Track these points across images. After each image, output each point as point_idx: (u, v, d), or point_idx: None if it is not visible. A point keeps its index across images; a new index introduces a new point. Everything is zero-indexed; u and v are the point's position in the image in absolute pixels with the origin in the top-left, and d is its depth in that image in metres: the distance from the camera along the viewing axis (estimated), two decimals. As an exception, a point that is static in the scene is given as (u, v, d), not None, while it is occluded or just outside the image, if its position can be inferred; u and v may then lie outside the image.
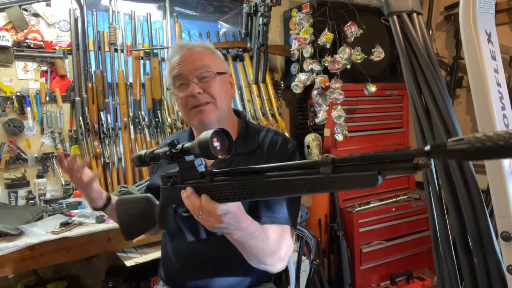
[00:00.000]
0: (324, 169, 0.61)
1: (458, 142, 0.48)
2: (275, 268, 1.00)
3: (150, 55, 2.38)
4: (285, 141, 1.15)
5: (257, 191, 0.70)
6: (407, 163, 0.53)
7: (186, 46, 1.14)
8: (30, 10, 2.06)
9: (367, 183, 0.57)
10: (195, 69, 1.09)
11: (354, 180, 0.58)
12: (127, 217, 1.02)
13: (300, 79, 2.49)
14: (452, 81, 2.92)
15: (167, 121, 2.35)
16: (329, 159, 0.61)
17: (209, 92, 1.09)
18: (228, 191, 0.74)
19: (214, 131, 0.76)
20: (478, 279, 1.30)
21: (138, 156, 0.91)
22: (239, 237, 0.86)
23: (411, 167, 0.52)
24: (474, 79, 1.24)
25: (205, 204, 0.76)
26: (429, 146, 0.51)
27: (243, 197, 0.72)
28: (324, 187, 0.62)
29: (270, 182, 0.68)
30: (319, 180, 0.62)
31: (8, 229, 1.51)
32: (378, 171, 0.56)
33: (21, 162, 2.04)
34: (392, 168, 0.55)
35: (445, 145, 0.49)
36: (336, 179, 0.60)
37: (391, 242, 2.70)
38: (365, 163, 0.58)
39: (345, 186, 0.60)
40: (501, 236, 1.19)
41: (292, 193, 0.67)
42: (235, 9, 2.79)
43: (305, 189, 0.64)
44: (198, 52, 1.13)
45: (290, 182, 0.65)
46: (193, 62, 1.10)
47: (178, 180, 0.85)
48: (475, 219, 1.28)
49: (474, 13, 1.23)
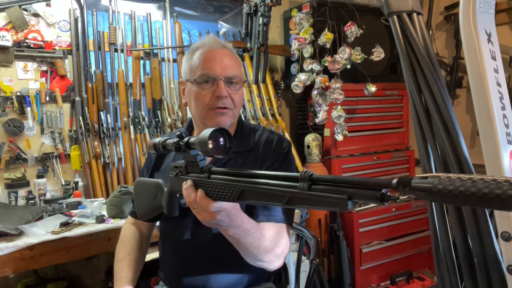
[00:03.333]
0: (302, 185, 0.62)
1: (422, 181, 0.46)
2: (272, 265, 1.01)
3: (150, 55, 2.38)
4: (280, 140, 1.16)
5: (243, 195, 0.72)
6: (375, 192, 0.53)
7: (220, 43, 1.12)
8: (30, 10, 2.06)
9: (338, 206, 0.57)
10: (228, 72, 1.08)
11: (326, 200, 0.59)
12: (140, 199, 1.09)
13: (300, 79, 2.49)
14: (452, 81, 2.92)
15: (167, 121, 2.35)
16: (308, 176, 0.62)
17: (233, 98, 1.09)
18: (220, 190, 0.76)
19: (213, 130, 0.77)
20: (478, 279, 1.30)
21: (154, 144, 0.94)
22: (234, 234, 0.87)
23: (378, 198, 0.52)
24: (474, 79, 1.24)
25: (200, 200, 0.79)
26: (396, 180, 0.50)
27: (231, 199, 0.74)
28: (300, 202, 0.64)
29: (254, 189, 0.70)
30: (296, 194, 0.63)
31: (8, 229, 1.51)
32: (348, 196, 0.56)
33: (21, 162, 2.04)
34: (361, 195, 0.55)
35: (410, 182, 0.47)
36: (311, 197, 0.61)
37: (391, 242, 2.71)
38: (338, 186, 0.58)
39: (318, 205, 0.61)
40: (501, 236, 1.19)
41: (273, 203, 0.68)
42: (235, 9, 2.79)
43: (284, 201, 0.65)
44: (230, 55, 1.12)
45: (271, 193, 0.67)
46: (226, 65, 1.08)
47: (183, 171, 0.88)
48: (475, 219, 1.28)
49: (474, 13, 1.23)
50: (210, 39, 1.12)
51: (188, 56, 1.14)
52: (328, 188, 0.59)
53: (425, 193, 0.45)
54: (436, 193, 0.44)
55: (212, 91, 1.07)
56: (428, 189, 0.45)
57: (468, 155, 1.32)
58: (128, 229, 1.26)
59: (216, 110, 1.08)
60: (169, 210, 0.96)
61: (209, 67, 1.07)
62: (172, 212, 0.96)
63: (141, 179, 1.12)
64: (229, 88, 1.09)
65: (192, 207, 0.82)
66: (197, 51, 1.11)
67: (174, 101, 2.40)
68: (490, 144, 1.20)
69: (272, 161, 1.12)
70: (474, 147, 2.71)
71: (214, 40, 1.12)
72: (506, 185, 0.39)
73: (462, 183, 0.42)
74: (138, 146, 2.30)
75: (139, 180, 1.13)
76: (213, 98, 1.07)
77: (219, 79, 1.07)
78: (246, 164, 1.11)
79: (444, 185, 0.43)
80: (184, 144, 0.84)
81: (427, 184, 0.45)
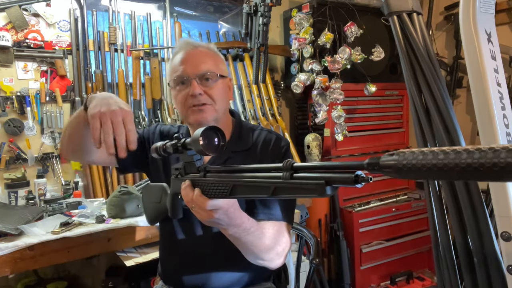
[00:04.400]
0: (284, 174, 0.63)
1: (388, 158, 0.47)
2: (273, 263, 1.01)
3: (150, 55, 2.38)
4: (278, 139, 1.17)
5: (234, 190, 0.73)
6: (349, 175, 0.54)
7: (192, 44, 1.15)
8: (30, 10, 2.06)
9: (316, 192, 0.58)
10: (199, 70, 1.10)
11: (306, 187, 0.60)
12: (147, 204, 1.11)
13: (300, 79, 2.49)
14: (452, 81, 2.92)
15: (167, 121, 2.35)
16: (289, 165, 0.63)
17: (210, 94, 1.11)
18: (214, 187, 0.77)
19: (205, 129, 0.78)
20: (478, 279, 1.30)
21: (156, 148, 0.95)
22: (234, 232, 0.88)
23: (353, 180, 0.54)
24: (474, 79, 1.24)
25: (196, 198, 0.79)
26: (367, 161, 0.51)
27: (224, 195, 0.75)
28: (285, 192, 0.64)
29: (243, 183, 0.71)
30: (280, 184, 0.64)
31: (8, 229, 1.51)
32: (326, 181, 0.57)
33: (21, 162, 2.04)
34: (337, 179, 0.56)
35: (378, 160, 0.48)
36: (293, 185, 0.62)
37: (391, 242, 2.70)
38: (316, 172, 0.59)
39: (300, 193, 0.62)
40: (501, 236, 1.19)
41: (260, 195, 0.69)
42: (235, 9, 2.79)
43: (269, 192, 0.66)
44: (203, 53, 1.14)
45: (258, 185, 0.68)
46: (198, 63, 1.11)
47: (182, 172, 0.89)
48: (475, 219, 1.28)
49: (474, 13, 1.23)
50: (183, 43, 1.16)
51: (169, 63, 1.19)
52: (308, 175, 0.60)
53: (391, 169, 0.46)
54: (401, 169, 0.45)
55: (188, 91, 1.10)
56: (393, 166, 0.46)
57: (468, 155, 1.32)
58: None
59: (193, 108, 1.10)
60: (172, 213, 0.97)
61: (182, 69, 1.11)
62: (175, 215, 0.97)
63: (148, 185, 1.14)
64: (204, 85, 1.11)
65: (190, 206, 0.82)
66: (174, 56, 1.16)
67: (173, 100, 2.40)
68: (490, 144, 1.20)
69: (270, 161, 1.12)
70: (474, 147, 2.71)
71: (186, 43, 1.16)
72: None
73: (425, 157, 0.42)
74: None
75: (147, 186, 1.15)
76: (189, 97, 1.10)
77: (191, 78, 1.09)
78: (244, 164, 1.11)
79: (407, 160, 0.44)
80: (180, 146, 0.86)
81: (392, 161, 0.46)
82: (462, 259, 1.35)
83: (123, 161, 1.06)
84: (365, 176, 0.54)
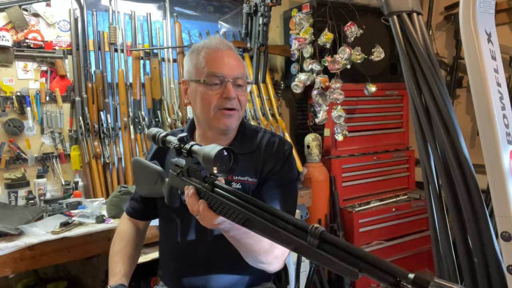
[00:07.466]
0: (310, 240, 0.62)
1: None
2: (272, 267, 1.01)
3: (150, 55, 2.38)
4: (281, 143, 1.16)
5: (248, 223, 0.72)
6: (388, 277, 0.53)
7: (227, 44, 1.11)
8: (30, 10, 2.06)
9: (347, 275, 0.58)
10: (235, 73, 1.08)
11: (336, 266, 0.59)
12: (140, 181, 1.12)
13: (300, 79, 2.49)
14: (452, 81, 2.92)
15: (167, 121, 2.35)
16: (318, 233, 0.61)
17: (240, 100, 1.09)
18: (224, 209, 0.75)
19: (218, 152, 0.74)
20: (478, 279, 1.30)
21: (153, 135, 0.93)
22: (235, 235, 0.88)
23: (392, 283, 0.52)
24: (474, 79, 1.24)
25: (203, 212, 0.79)
26: (413, 276, 0.50)
27: (236, 221, 0.74)
28: (308, 254, 0.64)
29: (261, 223, 0.69)
30: (304, 246, 0.63)
31: (8, 229, 1.51)
32: (359, 269, 0.56)
33: (21, 162, 2.04)
34: (374, 275, 0.55)
35: (428, 283, 0.47)
36: (320, 255, 0.61)
37: (391, 242, 2.70)
38: (351, 256, 0.58)
39: (327, 265, 0.61)
40: (501, 236, 1.19)
41: (278, 242, 0.68)
42: (235, 9, 2.79)
43: (291, 246, 0.65)
44: (236, 57, 1.12)
45: (279, 233, 0.66)
46: (234, 66, 1.08)
47: (185, 173, 0.87)
48: (475, 219, 1.28)
49: (474, 13, 1.23)
50: (217, 40, 1.11)
51: (192, 56, 1.12)
52: (339, 254, 0.59)
53: None
54: None
55: (220, 92, 1.06)
56: None
57: (468, 155, 1.32)
58: (124, 224, 1.27)
59: (223, 112, 1.07)
60: (170, 202, 0.97)
61: (217, 68, 1.06)
62: (173, 203, 0.97)
63: (140, 161, 1.11)
64: (236, 89, 1.08)
65: (195, 215, 0.82)
66: (202, 51, 1.09)
67: (174, 101, 2.40)
68: (490, 144, 1.20)
69: (273, 164, 1.12)
70: (474, 147, 2.71)
71: (220, 40, 1.11)
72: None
73: None
74: (138, 146, 2.30)
75: (138, 161, 1.12)
76: (221, 99, 1.06)
77: (227, 80, 1.06)
78: (247, 166, 1.11)
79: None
80: (186, 152, 0.83)
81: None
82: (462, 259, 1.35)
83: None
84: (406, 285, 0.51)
